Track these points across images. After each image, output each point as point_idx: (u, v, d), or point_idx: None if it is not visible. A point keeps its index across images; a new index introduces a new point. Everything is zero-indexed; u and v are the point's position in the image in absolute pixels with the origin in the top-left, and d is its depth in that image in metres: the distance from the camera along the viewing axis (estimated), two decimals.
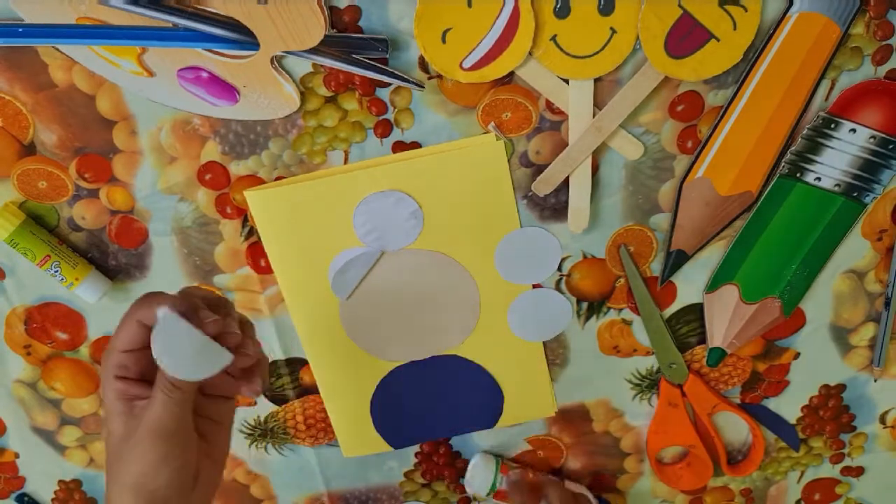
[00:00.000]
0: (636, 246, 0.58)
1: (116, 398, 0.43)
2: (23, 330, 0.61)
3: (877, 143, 0.52)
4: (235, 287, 0.59)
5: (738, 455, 0.69)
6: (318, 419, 0.65)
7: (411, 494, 0.71)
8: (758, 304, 0.58)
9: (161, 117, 0.52)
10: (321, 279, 0.57)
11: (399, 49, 0.49)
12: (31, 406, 0.65)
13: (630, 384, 0.65)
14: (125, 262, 0.58)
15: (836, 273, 0.59)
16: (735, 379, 0.65)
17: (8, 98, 0.51)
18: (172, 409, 0.41)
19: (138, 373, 0.43)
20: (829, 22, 0.49)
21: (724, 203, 0.55)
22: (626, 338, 0.62)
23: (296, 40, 0.47)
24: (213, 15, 0.47)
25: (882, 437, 0.69)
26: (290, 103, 0.50)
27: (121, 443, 0.42)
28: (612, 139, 0.53)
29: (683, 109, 0.52)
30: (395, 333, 0.61)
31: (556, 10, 0.48)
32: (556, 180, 0.54)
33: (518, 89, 0.51)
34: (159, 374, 0.41)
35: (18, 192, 0.54)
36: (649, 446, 0.67)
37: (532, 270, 0.58)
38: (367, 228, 0.55)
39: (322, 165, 0.54)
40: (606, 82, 0.51)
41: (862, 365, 0.64)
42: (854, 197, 0.54)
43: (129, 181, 0.54)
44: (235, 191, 0.55)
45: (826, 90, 0.52)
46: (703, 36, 0.48)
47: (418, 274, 0.58)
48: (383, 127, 0.52)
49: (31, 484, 0.70)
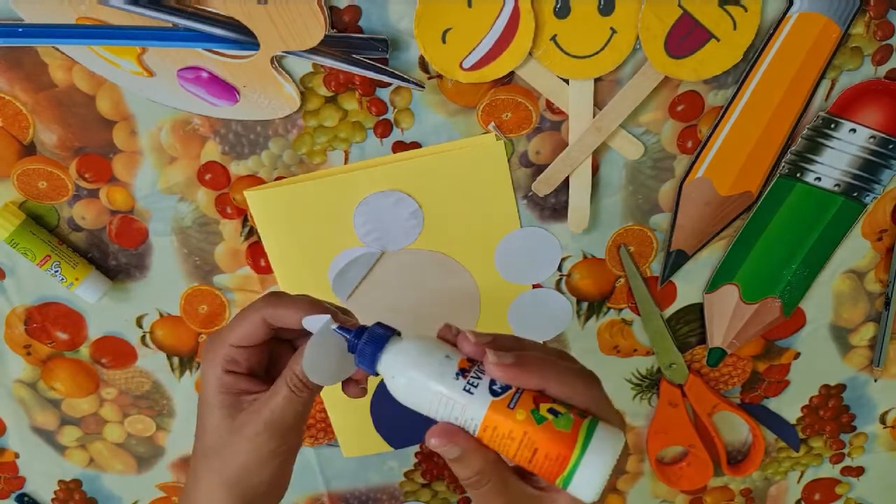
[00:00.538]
0: (636, 246, 0.58)
1: (222, 391, 0.42)
2: (23, 330, 0.61)
3: (877, 143, 0.52)
4: (235, 287, 0.59)
5: (738, 455, 0.69)
6: (318, 419, 0.65)
7: (411, 494, 0.71)
8: (758, 304, 0.58)
9: (161, 117, 0.52)
10: (321, 279, 0.57)
11: (399, 49, 0.49)
12: (31, 406, 0.65)
13: (630, 384, 0.65)
14: (125, 262, 0.58)
15: (836, 273, 0.59)
16: (735, 379, 0.65)
17: (8, 98, 0.51)
18: (297, 406, 0.41)
19: (247, 368, 0.43)
20: (829, 22, 0.49)
21: (724, 203, 0.55)
22: (626, 338, 0.62)
23: (296, 40, 0.47)
24: (213, 15, 0.47)
25: (882, 437, 0.69)
26: (290, 103, 0.50)
27: (224, 436, 0.42)
28: (612, 139, 0.53)
29: (683, 109, 0.52)
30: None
31: (556, 10, 0.48)
32: (556, 180, 0.54)
33: (518, 89, 0.51)
34: (287, 371, 0.41)
35: (18, 192, 0.54)
36: (649, 446, 0.67)
37: (532, 270, 0.58)
38: (367, 228, 0.55)
39: (322, 165, 0.54)
40: (606, 82, 0.51)
41: (862, 365, 0.64)
42: (854, 197, 0.54)
43: (129, 181, 0.54)
44: (235, 191, 0.55)
45: (826, 90, 0.52)
46: (703, 36, 0.48)
47: (418, 274, 0.58)
48: (383, 127, 0.52)
49: (31, 484, 0.70)
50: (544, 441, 0.35)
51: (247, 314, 0.42)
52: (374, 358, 0.38)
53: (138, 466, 0.69)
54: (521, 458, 0.36)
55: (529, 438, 0.35)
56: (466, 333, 0.37)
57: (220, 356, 0.42)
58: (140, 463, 0.68)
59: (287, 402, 0.41)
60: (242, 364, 0.43)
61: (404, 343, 0.38)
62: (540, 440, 0.35)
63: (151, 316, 0.60)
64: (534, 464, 0.35)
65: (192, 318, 0.60)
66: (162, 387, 0.64)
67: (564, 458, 0.35)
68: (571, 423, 0.35)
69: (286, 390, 0.41)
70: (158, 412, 0.65)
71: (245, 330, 0.42)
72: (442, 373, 0.36)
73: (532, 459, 0.35)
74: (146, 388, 0.64)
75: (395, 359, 0.37)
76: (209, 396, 0.42)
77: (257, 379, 0.43)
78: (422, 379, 0.36)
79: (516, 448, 0.35)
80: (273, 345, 0.44)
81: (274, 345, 0.44)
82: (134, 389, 0.64)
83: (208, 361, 0.43)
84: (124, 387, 0.64)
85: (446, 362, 0.36)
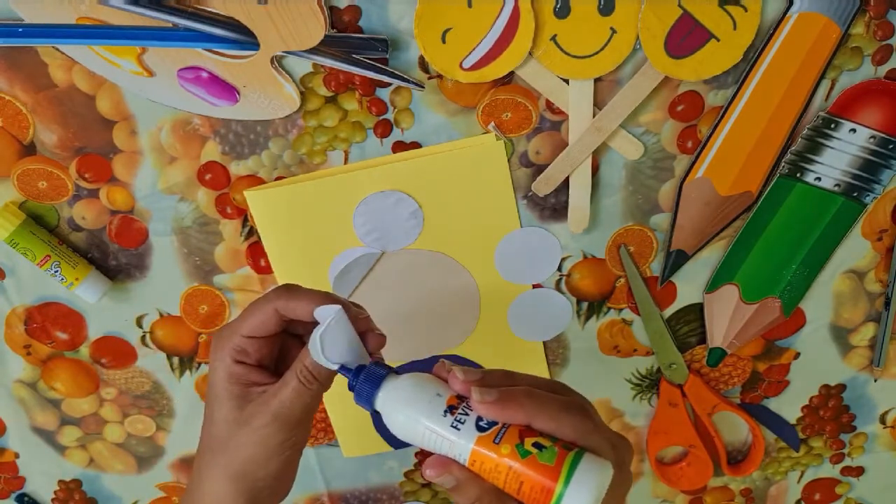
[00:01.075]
0: (636, 246, 0.58)
1: (232, 382, 0.42)
2: (23, 330, 0.61)
3: (877, 143, 0.52)
4: (235, 287, 0.59)
5: (738, 455, 0.69)
6: (318, 419, 0.65)
7: (411, 494, 0.71)
8: (758, 304, 0.58)
9: (161, 117, 0.52)
10: (321, 279, 0.57)
11: (399, 49, 0.49)
12: (31, 406, 0.65)
13: (630, 384, 0.65)
14: (125, 262, 0.58)
15: (836, 273, 0.59)
16: (735, 379, 0.65)
17: (8, 98, 0.51)
18: (306, 399, 0.41)
19: (257, 359, 0.43)
20: (829, 22, 0.49)
21: (724, 203, 0.55)
22: (626, 338, 0.62)
23: (296, 40, 0.47)
24: (213, 15, 0.47)
25: (882, 437, 0.69)
26: (290, 103, 0.50)
27: (231, 427, 0.42)
28: (612, 139, 0.53)
29: (683, 109, 0.52)
30: (395, 333, 0.60)
31: (556, 10, 0.48)
32: (556, 180, 0.54)
33: (518, 89, 0.51)
34: (297, 363, 0.41)
35: (18, 192, 0.54)
36: (649, 446, 0.67)
37: (532, 270, 0.58)
38: (367, 228, 0.55)
39: (322, 165, 0.54)
40: (606, 82, 0.51)
41: (862, 365, 0.64)
42: (854, 197, 0.54)
43: (129, 181, 0.54)
44: (235, 191, 0.55)
45: (826, 90, 0.52)
46: (703, 36, 0.48)
47: (418, 274, 0.58)
48: (383, 127, 0.52)
49: (31, 484, 0.70)
50: (529, 475, 0.36)
51: (259, 305, 0.42)
52: (371, 396, 0.39)
53: (138, 466, 0.69)
54: (510, 489, 0.37)
55: (515, 472, 0.36)
56: (455, 371, 0.38)
57: (231, 346, 0.42)
58: (140, 463, 0.68)
59: (296, 394, 0.41)
60: (252, 355, 0.43)
61: (399, 381, 0.39)
62: (524, 474, 0.36)
63: (151, 316, 0.60)
64: (522, 496, 0.36)
65: (192, 318, 0.60)
66: (162, 387, 0.64)
67: (549, 490, 0.36)
68: (555, 457, 0.36)
69: (295, 382, 0.41)
70: (158, 412, 0.65)
71: (257, 320, 0.42)
72: (431, 410, 0.38)
73: (519, 492, 0.36)
74: (146, 388, 0.64)
75: (390, 395, 0.39)
76: (217, 387, 0.42)
77: (267, 371, 0.43)
78: (414, 415, 0.38)
79: (504, 481, 0.36)
80: (284, 338, 0.44)
81: (284, 338, 0.45)
82: (134, 389, 0.64)
83: (218, 352, 0.43)
84: (124, 387, 0.64)
85: (436, 400, 0.38)
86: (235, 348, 0.42)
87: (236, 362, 0.42)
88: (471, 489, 0.37)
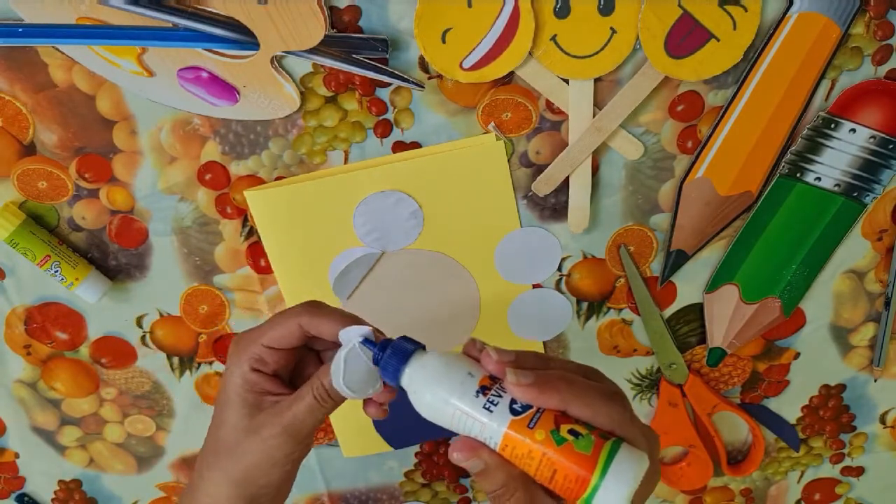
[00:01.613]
0: (636, 246, 0.58)
1: (246, 389, 0.42)
2: (23, 330, 0.61)
3: (877, 143, 0.52)
4: (235, 287, 0.59)
5: (738, 455, 0.69)
6: None
7: (411, 494, 0.71)
8: (758, 304, 0.58)
9: (161, 117, 0.52)
10: (321, 279, 0.57)
11: (399, 49, 0.49)
12: (31, 406, 0.65)
13: (630, 384, 0.65)
14: (125, 262, 0.58)
15: (836, 273, 0.59)
16: (735, 379, 0.65)
17: (8, 98, 0.51)
18: (317, 415, 0.42)
19: (274, 370, 0.43)
20: (829, 22, 0.49)
21: (724, 203, 0.55)
22: (626, 338, 0.62)
23: (296, 40, 0.47)
24: (213, 15, 0.47)
25: (882, 437, 0.69)
26: (290, 103, 0.50)
27: (240, 433, 0.42)
28: (612, 139, 0.53)
29: (683, 109, 0.52)
30: (395, 333, 0.60)
31: (556, 10, 0.48)
32: (556, 180, 0.54)
33: (518, 89, 0.51)
34: (314, 380, 0.41)
35: (18, 192, 0.54)
36: None
37: (532, 270, 0.58)
38: (367, 228, 0.55)
39: (322, 165, 0.54)
40: (606, 82, 0.51)
41: (862, 365, 0.64)
42: (854, 197, 0.54)
43: (129, 181, 0.54)
44: (235, 191, 0.55)
45: (826, 90, 0.52)
46: (703, 36, 0.48)
47: (418, 274, 0.58)
48: (383, 127, 0.52)
49: (31, 484, 0.70)
50: (564, 463, 0.35)
51: (284, 318, 0.42)
52: (397, 371, 0.38)
53: (138, 466, 0.69)
54: (542, 477, 0.35)
55: (549, 459, 0.35)
56: (489, 350, 0.37)
57: (250, 353, 0.42)
58: (140, 463, 0.68)
59: (309, 409, 0.41)
60: (270, 365, 0.43)
61: (428, 357, 0.38)
62: (559, 461, 0.35)
63: (151, 316, 0.60)
64: (554, 484, 0.35)
65: (192, 318, 0.60)
66: (162, 387, 0.64)
67: (584, 480, 0.34)
68: (592, 445, 0.35)
69: (311, 398, 0.41)
70: (158, 412, 0.65)
71: (279, 333, 0.42)
72: (463, 390, 0.36)
73: (552, 479, 0.35)
74: (146, 388, 0.64)
75: (418, 373, 0.37)
76: (231, 392, 0.43)
77: (281, 382, 0.44)
78: (443, 394, 0.36)
79: (536, 467, 0.35)
80: (302, 352, 0.45)
81: (303, 352, 0.45)
82: (134, 389, 0.64)
83: (236, 357, 0.43)
84: (124, 387, 0.64)
85: (468, 379, 0.36)
86: (254, 356, 0.42)
87: (253, 370, 0.42)
88: (498, 475, 0.36)
